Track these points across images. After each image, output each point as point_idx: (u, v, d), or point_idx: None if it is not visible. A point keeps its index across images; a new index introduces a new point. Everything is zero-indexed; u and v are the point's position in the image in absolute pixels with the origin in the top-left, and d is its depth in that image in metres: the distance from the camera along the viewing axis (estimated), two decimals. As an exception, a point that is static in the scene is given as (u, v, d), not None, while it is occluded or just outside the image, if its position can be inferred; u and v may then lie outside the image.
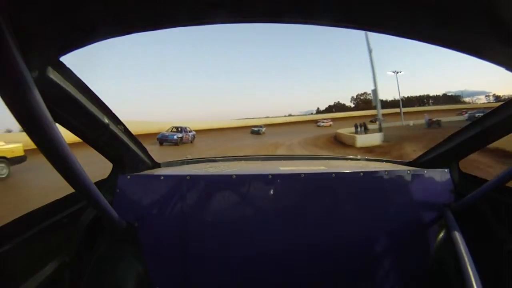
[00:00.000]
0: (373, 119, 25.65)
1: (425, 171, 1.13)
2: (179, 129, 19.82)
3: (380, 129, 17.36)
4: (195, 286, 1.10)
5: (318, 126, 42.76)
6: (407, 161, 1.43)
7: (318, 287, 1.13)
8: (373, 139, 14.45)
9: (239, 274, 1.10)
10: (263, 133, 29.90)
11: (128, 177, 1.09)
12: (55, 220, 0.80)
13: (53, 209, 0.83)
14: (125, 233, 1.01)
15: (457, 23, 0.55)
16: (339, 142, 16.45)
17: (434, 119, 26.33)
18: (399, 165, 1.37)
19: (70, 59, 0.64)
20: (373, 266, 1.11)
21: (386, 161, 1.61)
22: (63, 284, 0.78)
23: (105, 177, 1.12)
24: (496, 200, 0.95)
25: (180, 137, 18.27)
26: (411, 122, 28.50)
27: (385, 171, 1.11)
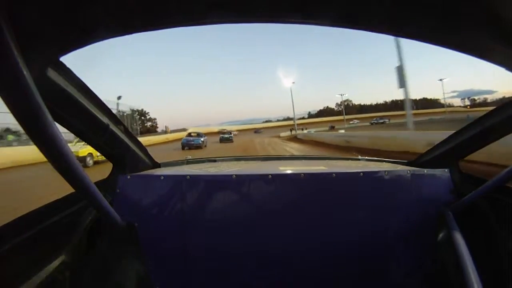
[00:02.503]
0: (291, 128, 44.46)
1: (425, 171, 1.13)
2: (198, 134, 22.74)
3: (295, 131, 39.85)
4: (195, 286, 1.10)
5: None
6: (407, 161, 1.43)
7: (318, 286, 1.13)
8: (286, 133, 39.67)
9: (240, 274, 1.10)
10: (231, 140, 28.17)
11: (128, 177, 1.09)
12: (55, 220, 0.80)
13: (53, 209, 0.83)
14: (125, 233, 1.00)
15: (457, 23, 0.55)
16: (277, 136, 38.67)
17: (332, 126, 48.87)
18: (399, 165, 1.37)
19: (70, 59, 0.64)
20: (373, 266, 1.11)
21: (386, 161, 1.61)
22: (63, 284, 0.78)
23: (105, 177, 1.12)
24: (496, 200, 0.95)
25: (203, 141, 20.83)
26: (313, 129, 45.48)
27: (385, 171, 1.11)
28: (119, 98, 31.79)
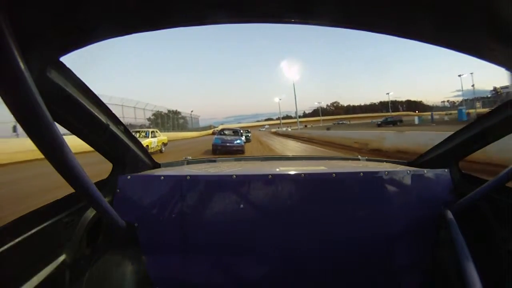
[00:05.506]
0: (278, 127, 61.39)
1: (425, 171, 1.13)
2: (235, 131, 14.57)
3: (277, 128, 61.27)
4: (195, 286, 1.10)
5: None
6: (407, 161, 1.43)
7: (318, 286, 1.13)
8: (274, 130, 63.66)
9: (240, 274, 1.10)
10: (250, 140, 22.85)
11: (128, 177, 1.09)
12: (55, 220, 0.80)
13: (53, 209, 0.82)
14: (125, 233, 1.00)
15: (457, 24, 0.55)
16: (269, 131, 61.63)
17: (305, 126, 59.63)
18: (399, 165, 1.37)
19: (70, 59, 0.64)
20: (373, 266, 1.11)
21: (386, 161, 1.61)
22: (63, 284, 0.78)
23: (105, 177, 1.12)
24: (496, 200, 0.95)
25: (244, 141, 13.49)
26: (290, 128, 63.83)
27: (385, 171, 1.11)
28: (192, 111, 47.26)
